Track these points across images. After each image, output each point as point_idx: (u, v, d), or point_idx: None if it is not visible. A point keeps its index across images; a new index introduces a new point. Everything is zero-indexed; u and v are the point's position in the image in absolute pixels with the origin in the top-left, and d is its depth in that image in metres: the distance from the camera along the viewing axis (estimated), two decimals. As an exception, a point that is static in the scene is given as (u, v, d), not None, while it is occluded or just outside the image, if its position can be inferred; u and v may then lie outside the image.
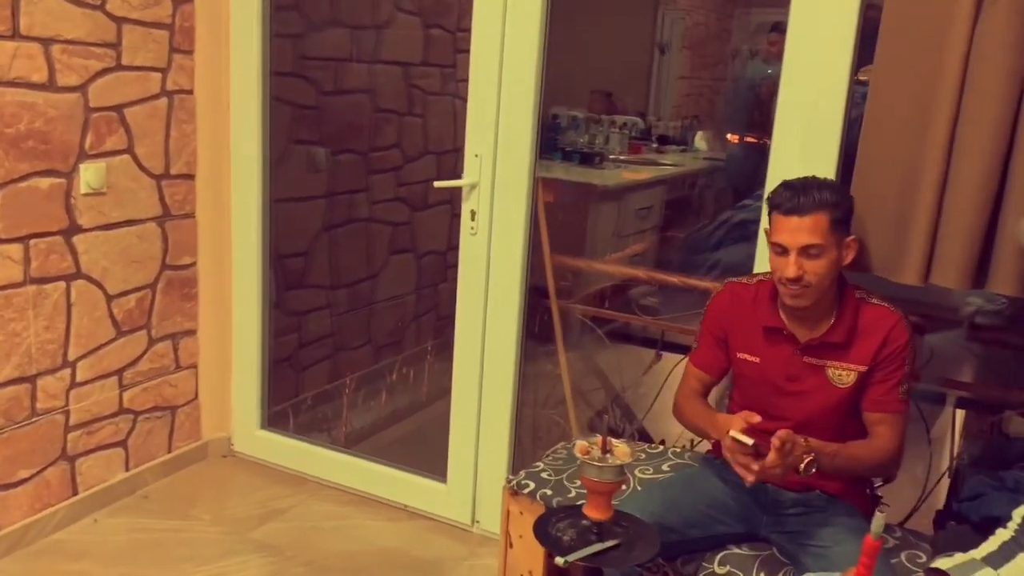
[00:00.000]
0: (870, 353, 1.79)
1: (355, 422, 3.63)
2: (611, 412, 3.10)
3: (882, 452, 1.81)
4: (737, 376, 1.98)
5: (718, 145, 4.66)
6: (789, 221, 1.71)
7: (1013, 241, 1.68)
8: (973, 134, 1.71)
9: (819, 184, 1.72)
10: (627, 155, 4.51)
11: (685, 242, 4.33)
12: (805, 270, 1.72)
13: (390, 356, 3.89)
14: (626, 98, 4.80)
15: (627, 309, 3.09)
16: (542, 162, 4.19)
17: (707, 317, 2.00)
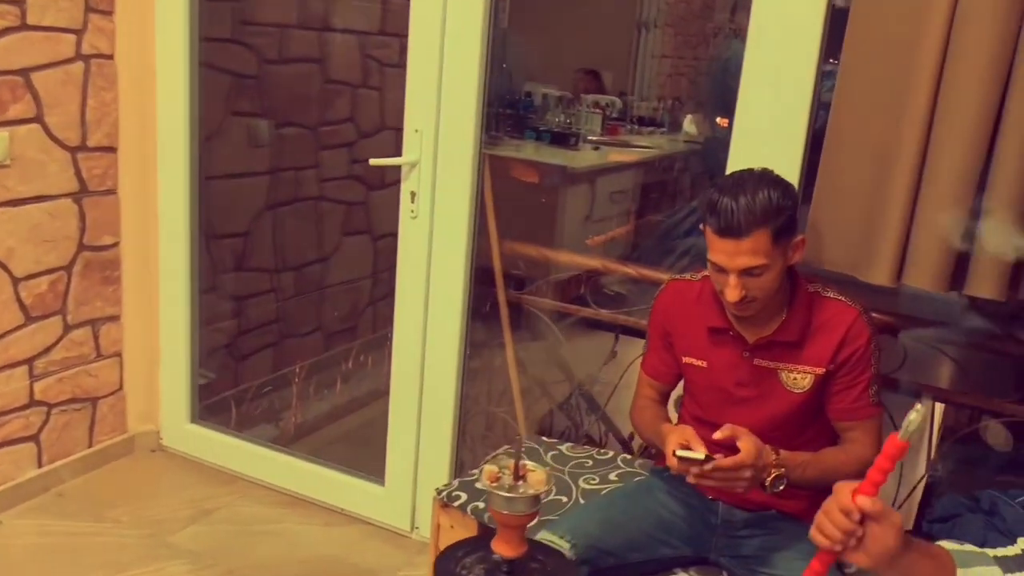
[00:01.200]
0: (827, 354, 1.60)
1: (306, 412, 3.45)
2: (575, 404, 2.90)
3: (859, 461, 1.63)
4: (686, 382, 1.79)
5: (707, 128, 4.46)
6: (725, 243, 1.50)
7: (995, 239, 1.49)
8: (953, 121, 1.52)
9: (756, 192, 1.47)
10: (604, 136, 4.31)
11: (658, 228, 4.15)
12: (748, 288, 1.52)
13: (344, 343, 3.69)
14: (608, 77, 4.61)
15: (597, 296, 2.89)
16: (513, 142, 4.03)
17: (652, 319, 1.80)
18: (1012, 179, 1.48)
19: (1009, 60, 1.48)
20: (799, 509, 1.68)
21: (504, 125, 3.99)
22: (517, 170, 3.55)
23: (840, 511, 1.04)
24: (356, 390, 3.54)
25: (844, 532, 1.04)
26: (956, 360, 2.32)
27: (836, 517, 1.05)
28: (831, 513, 1.06)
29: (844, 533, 1.04)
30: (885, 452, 1.02)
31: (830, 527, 1.05)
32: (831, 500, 1.07)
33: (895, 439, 1.02)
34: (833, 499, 1.06)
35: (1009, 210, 1.49)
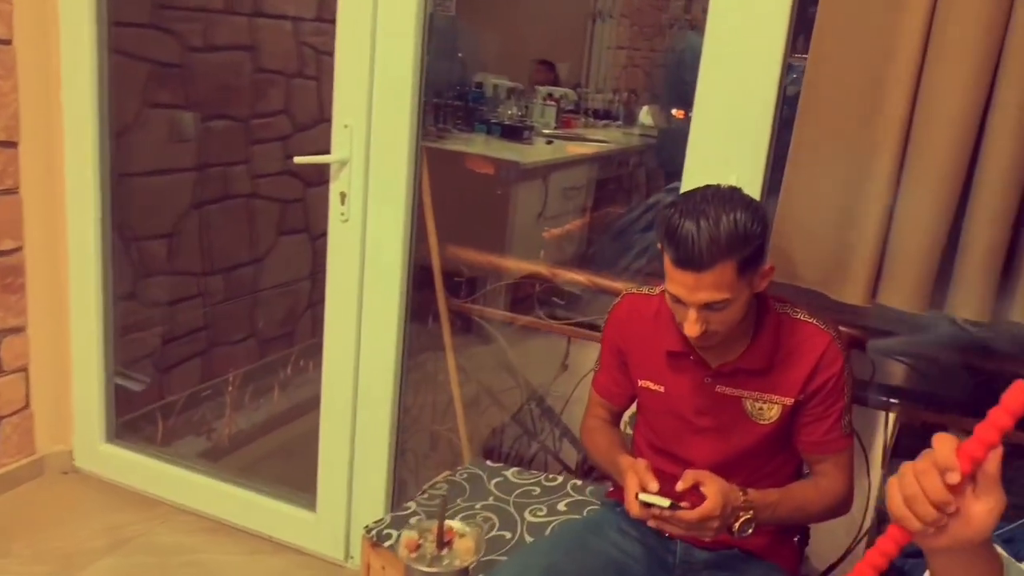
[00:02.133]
0: (798, 383, 1.44)
1: (241, 423, 3.22)
2: (529, 412, 2.72)
3: (832, 495, 1.49)
4: (641, 407, 1.62)
5: (664, 121, 4.32)
6: (684, 276, 1.31)
7: (978, 255, 1.33)
8: (934, 122, 1.36)
9: (720, 216, 1.27)
10: (558, 129, 4.14)
11: (613, 227, 4.00)
12: (709, 322, 1.35)
13: (281, 350, 3.47)
14: (562, 69, 4.45)
15: (550, 296, 2.73)
16: (462, 135, 3.84)
17: (605, 335, 1.62)
18: (998, 190, 1.33)
19: (996, 56, 1.32)
20: (762, 547, 1.53)
21: (452, 117, 3.80)
22: (469, 164, 3.37)
23: (939, 469, 0.77)
24: (295, 398, 3.33)
25: (939, 504, 0.78)
26: (924, 372, 2.19)
27: (932, 481, 0.77)
28: (925, 475, 0.77)
29: (939, 505, 0.78)
30: (1008, 405, 0.75)
31: (920, 497, 0.78)
32: (924, 458, 0.79)
33: (1023, 387, 0.75)
34: (927, 457, 0.78)
35: (994, 224, 1.34)
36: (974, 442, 0.77)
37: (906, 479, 0.79)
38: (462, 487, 1.91)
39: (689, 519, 1.31)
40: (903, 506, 0.79)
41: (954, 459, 0.77)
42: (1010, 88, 1.31)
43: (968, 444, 0.77)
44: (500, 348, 2.50)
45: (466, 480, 1.94)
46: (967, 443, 0.78)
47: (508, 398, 2.69)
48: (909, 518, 0.79)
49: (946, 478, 0.77)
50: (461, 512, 1.80)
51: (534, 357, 2.70)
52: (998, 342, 2.17)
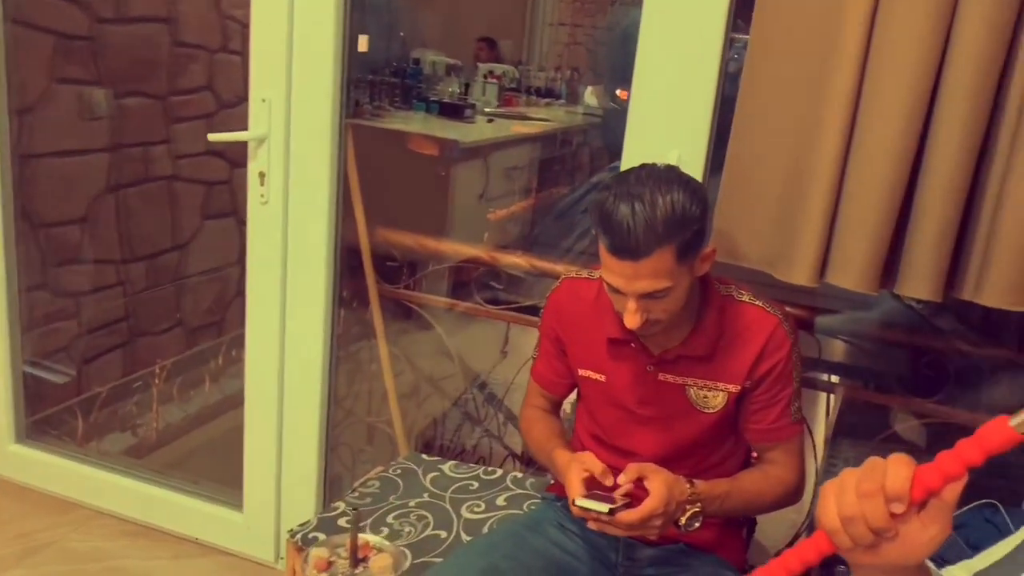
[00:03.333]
0: (743, 369, 1.36)
1: (169, 417, 3.07)
2: (472, 398, 2.61)
3: (783, 484, 1.42)
4: (582, 396, 1.53)
5: (608, 101, 4.23)
6: (621, 265, 1.22)
7: (929, 234, 1.26)
8: (883, 97, 1.28)
9: (656, 199, 1.18)
10: (499, 108, 4.03)
11: (556, 207, 3.92)
12: (650, 311, 1.26)
13: (210, 339, 3.32)
14: (504, 46, 4.33)
15: (492, 279, 2.63)
16: (399, 113, 3.70)
17: (543, 321, 1.53)
18: (948, 166, 1.26)
19: (946, 28, 1.25)
20: (709, 540, 1.45)
21: (389, 95, 3.66)
22: (408, 143, 3.24)
23: (887, 497, 0.69)
24: (228, 389, 3.18)
25: (878, 531, 0.70)
26: (868, 350, 2.15)
27: (876, 507, 0.69)
28: (870, 500, 0.69)
29: (878, 531, 0.70)
30: (982, 440, 0.67)
31: (859, 520, 0.70)
32: (871, 474, 0.70)
33: (1005, 424, 0.67)
34: (873, 473, 0.70)
35: (944, 202, 1.27)
36: (933, 473, 0.69)
37: (846, 497, 0.70)
38: (395, 484, 1.80)
39: (630, 521, 1.22)
40: (838, 522, 0.71)
41: (907, 491, 0.68)
42: (960, 61, 1.23)
43: (926, 474, 0.69)
44: (439, 335, 2.39)
45: (400, 476, 1.83)
46: (925, 472, 0.69)
47: (449, 385, 2.59)
48: (841, 536, 0.71)
49: (892, 507, 0.69)
50: (394, 511, 1.70)
51: (476, 343, 2.60)
52: (942, 319, 2.14)
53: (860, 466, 0.74)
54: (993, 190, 1.26)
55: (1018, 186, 1.23)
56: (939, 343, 2.00)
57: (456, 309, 2.25)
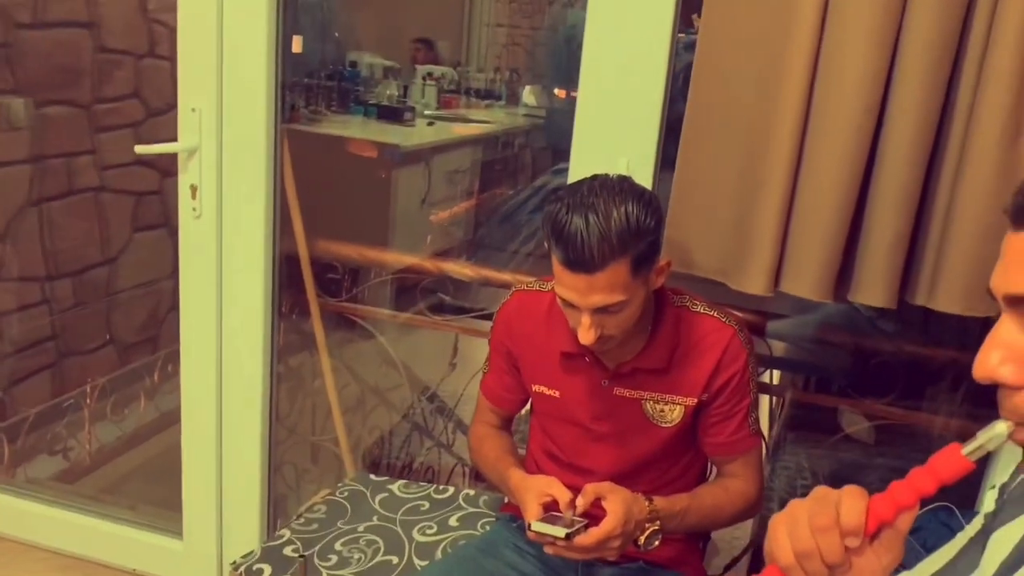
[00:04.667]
0: (700, 381, 1.33)
1: (104, 437, 2.94)
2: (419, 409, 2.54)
3: (743, 497, 1.40)
4: (536, 413, 1.48)
5: (546, 101, 4.21)
6: (575, 279, 1.18)
7: (883, 241, 1.25)
8: (835, 101, 1.27)
9: (611, 211, 1.14)
10: (439, 110, 3.97)
11: (500, 210, 3.88)
12: (604, 326, 1.22)
13: (144, 356, 3.19)
14: (442, 47, 4.26)
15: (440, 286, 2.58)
16: (337, 117, 3.61)
17: (493, 335, 1.48)
18: (900, 173, 1.26)
19: (896, 31, 1.23)
20: (669, 557, 1.42)
21: (326, 99, 3.57)
22: (347, 148, 3.16)
23: (842, 531, 0.68)
24: (164, 406, 3.06)
25: (834, 564, 0.69)
26: (813, 353, 2.15)
27: (831, 542, 0.68)
28: (824, 535, 0.68)
29: (833, 565, 0.69)
30: (935, 469, 0.67)
31: (815, 556, 0.68)
32: (822, 509, 0.69)
33: (957, 453, 0.67)
34: (827, 510, 0.68)
35: (897, 208, 1.26)
36: (886, 503, 0.68)
37: (800, 531, 0.69)
38: (342, 507, 1.73)
39: (588, 544, 1.19)
40: (792, 558, 0.69)
41: (862, 524, 0.67)
42: (909, 72, 1.23)
43: (879, 505, 0.68)
44: (384, 346, 2.32)
45: (347, 498, 1.76)
46: (878, 503, 0.69)
47: (396, 398, 2.52)
48: (796, 572, 0.69)
49: (847, 541, 0.68)
50: (342, 536, 1.63)
51: (423, 353, 2.53)
52: (884, 321, 2.15)
53: (808, 497, 0.73)
54: (944, 197, 1.26)
55: (968, 193, 1.23)
56: (885, 345, 2.01)
57: (409, 307, 2.19)
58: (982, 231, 1.24)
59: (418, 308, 2.25)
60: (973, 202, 1.23)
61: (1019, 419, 0.64)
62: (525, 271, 3.29)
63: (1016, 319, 0.63)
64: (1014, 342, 0.63)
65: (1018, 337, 0.63)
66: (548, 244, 1.21)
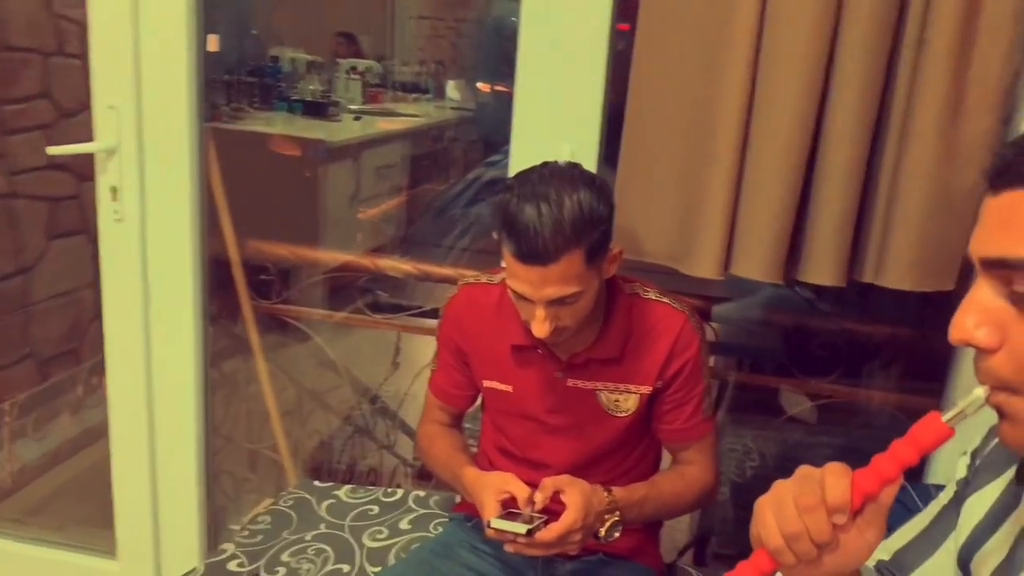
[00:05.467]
0: (654, 369, 1.31)
1: (25, 456, 2.79)
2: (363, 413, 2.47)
3: (700, 484, 1.38)
4: (487, 409, 1.45)
5: (470, 94, 4.17)
6: (528, 271, 1.14)
7: (830, 220, 1.25)
8: (777, 84, 1.26)
9: (563, 199, 1.11)
10: (365, 105, 3.89)
11: (433, 204, 3.82)
12: (559, 318, 1.19)
13: (67, 369, 3.04)
14: (365, 41, 4.18)
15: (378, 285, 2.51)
16: (260, 114, 3.50)
17: (441, 332, 1.43)
18: (845, 152, 1.25)
19: (836, 13, 1.23)
20: (628, 548, 1.40)
21: (248, 95, 3.47)
22: (272, 146, 3.07)
23: (829, 509, 0.67)
24: (89, 420, 2.93)
25: (822, 544, 0.68)
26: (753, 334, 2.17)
27: (818, 520, 0.67)
28: (811, 514, 0.67)
29: (822, 544, 0.68)
30: (916, 439, 0.66)
31: (804, 536, 0.67)
32: (808, 488, 0.67)
33: (937, 420, 0.65)
34: (812, 488, 0.67)
35: (844, 187, 1.26)
36: (870, 478, 0.67)
37: (787, 513, 0.68)
38: (287, 517, 1.66)
39: (549, 539, 1.16)
40: (781, 540, 0.68)
41: (848, 501, 0.67)
42: (852, 44, 1.23)
43: (863, 480, 0.67)
44: (321, 347, 2.25)
45: (292, 507, 1.69)
46: (862, 478, 0.68)
47: (336, 401, 2.45)
48: (786, 554, 0.68)
49: (834, 519, 0.67)
50: (290, 547, 1.56)
51: (364, 354, 2.47)
52: (822, 301, 2.19)
53: (792, 477, 0.72)
54: (887, 176, 1.27)
55: (911, 170, 1.24)
56: (825, 324, 2.03)
57: (347, 305, 2.13)
58: (926, 208, 1.25)
59: (355, 307, 2.20)
60: (916, 179, 1.24)
61: (995, 382, 0.63)
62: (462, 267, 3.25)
63: (991, 282, 0.63)
64: (989, 305, 0.62)
65: (993, 300, 0.62)
66: (499, 236, 1.18)
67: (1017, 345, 0.61)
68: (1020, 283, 0.60)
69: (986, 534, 0.76)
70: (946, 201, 1.25)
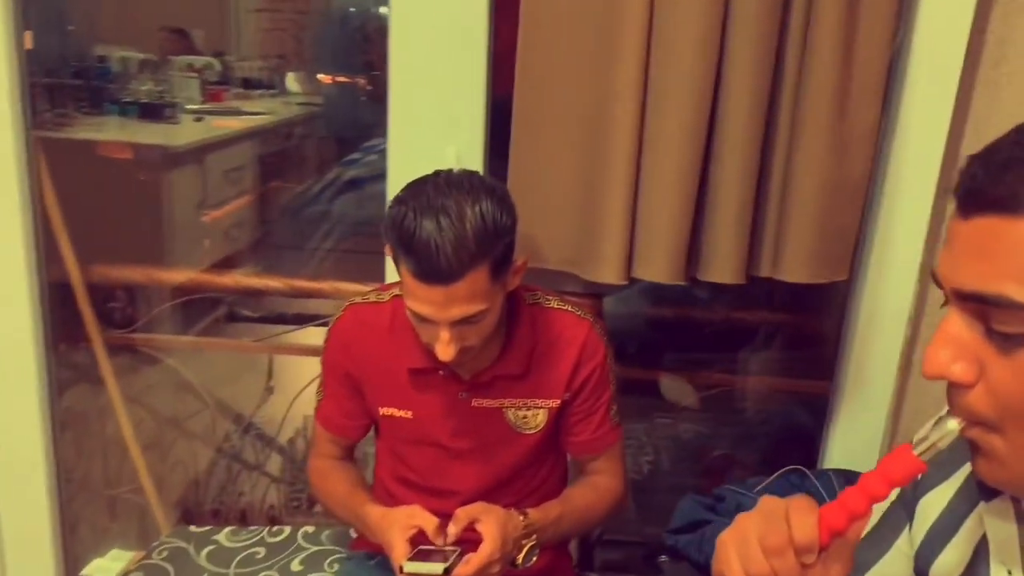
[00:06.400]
0: (562, 381, 1.26)
1: None
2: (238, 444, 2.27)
3: (612, 493, 1.34)
4: (383, 436, 1.35)
5: (311, 87, 3.99)
6: (431, 292, 1.06)
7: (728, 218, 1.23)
8: (672, 74, 1.22)
9: (464, 211, 1.03)
10: (206, 104, 3.64)
11: (290, 206, 3.64)
12: (464, 339, 1.11)
13: None
14: (199, 36, 3.90)
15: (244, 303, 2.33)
16: (90, 119, 3.20)
17: (327, 358, 1.32)
18: (738, 151, 1.24)
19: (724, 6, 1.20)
20: (541, 567, 1.33)
21: (74, 99, 3.16)
22: (105, 153, 2.80)
23: (798, 551, 0.63)
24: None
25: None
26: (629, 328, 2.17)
27: (787, 563, 0.63)
28: (780, 556, 0.63)
29: None
30: (886, 472, 0.63)
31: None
32: (773, 530, 0.64)
33: (908, 453, 0.62)
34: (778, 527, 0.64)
35: (739, 185, 1.24)
36: (838, 513, 0.64)
37: (752, 553, 0.64)
38: (163, 571, 1.50)
39: (467, 575, 1.08)
40: None
41: (816, 540, 0.63)
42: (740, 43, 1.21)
43: (831, 516, 0.64)
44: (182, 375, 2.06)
45: (167, 559, 1.53)
46: (829, 514, 0.65)
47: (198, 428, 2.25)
48: None
49: (803, 559, 0.64)
50: (168, 606, 1.41)
51: (227, 371, 2.28)
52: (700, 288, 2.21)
53: (754, 511, 0.68)
54: (780, 170, 1.26)
55: (803, 163, 1.25)
56: (704, 313, 2.05)
57: (203, 347, 1.95)
58: (819, 199, 1.26)
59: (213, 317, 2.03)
60: (809, 172, 1.25)
61: (970, 417, 0.60)
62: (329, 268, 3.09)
63: (963, 314, 0.59)
64: (964, 338, 0.59)
65: (965, 333, 0.59)
66: (394, 255, 1.08)
67: (995, 382, 0.58)
68: (998, 321, 0.57)
69: (942, 539, 0.74)
70: (838, 192, 1.25)
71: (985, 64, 1.31)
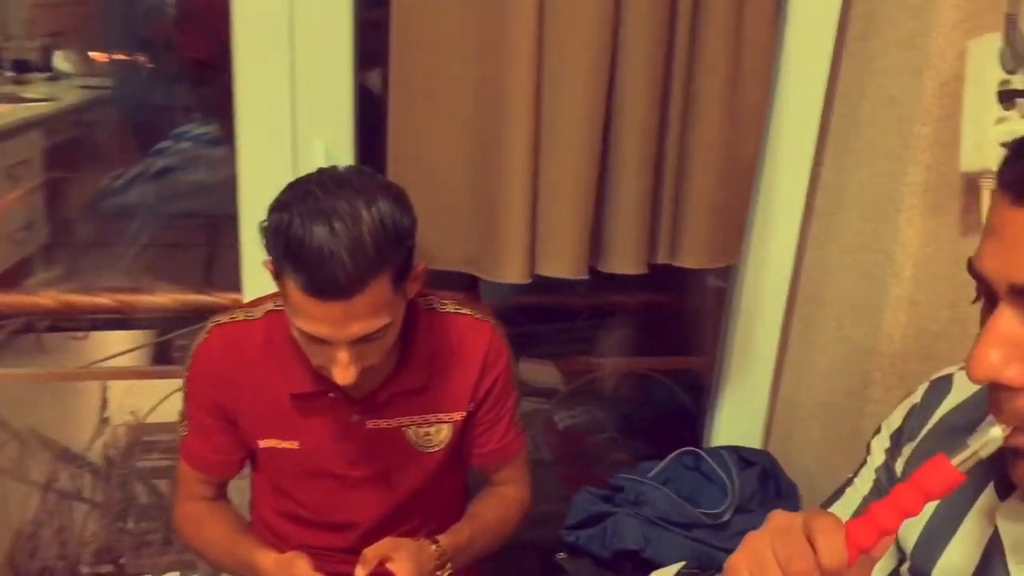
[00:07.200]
0: (466, 391, 1.16)
1: None
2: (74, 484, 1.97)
3: (519, 503, 1.27)
4: (261, 470, 1.20)
5: (86, 67, 3.59)
6: (328, 308, 0.92)
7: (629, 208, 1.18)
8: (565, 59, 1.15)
9: (360, 216, 0.91)
10: (-30, 93, 3.18)
11: (91, 202, 3.27)
12: (364, 358, 0.99)
13: None
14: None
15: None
16: None
17: (191, 387, 1.14)
18: (634, 143, 1.18)
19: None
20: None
21: None
22: None
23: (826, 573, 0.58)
24: None
25: None
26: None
27: None
28: None
29: None
30: (921, 485, 0.58)
31: None
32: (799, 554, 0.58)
33: (945, 464, 0.57)
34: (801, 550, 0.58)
35: (637, 176, 1.19)
36: (867, 530, 0.59)
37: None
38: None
39: None
40: None
41: (845, 562, 0.58)
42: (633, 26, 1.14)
43: (858, 533, 0.59)
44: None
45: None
46: (857, 531, 0.59)
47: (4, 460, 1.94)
48: None
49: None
50: None
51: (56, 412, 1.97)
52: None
53: (765, 529, 0.62)
54: (672, 161, 1.23)
55: (697, 154, 1.22)
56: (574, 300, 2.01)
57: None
58: (714, 182, 1.24)
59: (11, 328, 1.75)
60: (702, 159, 1.22)
61: (1021, 423, 0.56)
62: (143, 266, 2.80)
63: (1016, 310, 0.54)
64: (1016, 336, 0.54)
65: (1020, 331, 0.54)
66: (277, 269, 0.93)
67: None
68: None
69: (942, 538, 0.71)
70: (730, 175, 1.23)
71: (853, 37, 1.32)
